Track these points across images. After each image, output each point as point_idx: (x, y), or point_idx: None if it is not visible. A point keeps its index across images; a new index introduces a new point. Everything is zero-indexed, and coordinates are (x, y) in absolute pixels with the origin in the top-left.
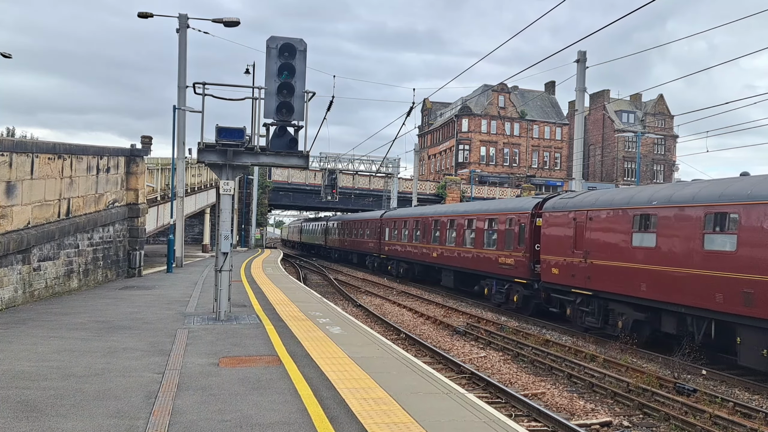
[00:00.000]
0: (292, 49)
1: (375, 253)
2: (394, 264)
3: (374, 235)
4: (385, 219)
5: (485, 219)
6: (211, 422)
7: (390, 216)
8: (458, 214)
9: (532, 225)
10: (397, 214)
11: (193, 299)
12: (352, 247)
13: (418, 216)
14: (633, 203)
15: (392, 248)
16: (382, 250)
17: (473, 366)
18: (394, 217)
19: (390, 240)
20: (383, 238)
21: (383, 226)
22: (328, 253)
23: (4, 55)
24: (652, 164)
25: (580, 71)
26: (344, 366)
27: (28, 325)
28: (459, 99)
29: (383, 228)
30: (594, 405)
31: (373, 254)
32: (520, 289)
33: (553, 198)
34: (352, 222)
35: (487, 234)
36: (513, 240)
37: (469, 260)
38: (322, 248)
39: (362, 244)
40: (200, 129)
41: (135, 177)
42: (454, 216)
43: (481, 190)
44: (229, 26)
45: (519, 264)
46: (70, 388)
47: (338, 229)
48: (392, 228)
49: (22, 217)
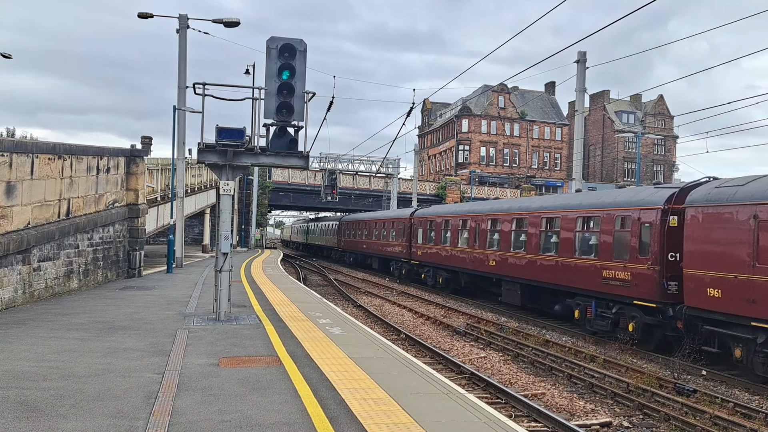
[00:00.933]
0: (292, 49)
1: (403, 258)
2: (429, 272)
3: (402, 237)
4: (417, 218)
5: (579, 217)
6: (211, 422)
7: (424, 215)
8: (531, 211)
9: (663, 225)
10: (434, 212)
11: (193, 299)
12: (372, 250)
13: (466, 214)
14: None
15: (427, 252)
16: (413, 254)
17: (473, 366)
18: (429, 215)
19: (424, 243)
20: (414, 241)
21: (414, 226)
22: (341, 256)
23: (5, 55)
24: (652, 165)
25: (580, 72)
26: (344, 366)
27: (28, 325)
28: (459, 99)
29: (414, 228)
30: (594, 405)
31: (400, 259)
32: (638, 315)
33: (704, 186)
34: (372, 222)
35: (581, 237)
36: (629, 246)
37: (550, 271)
38: (333, 251)
39: (386, 247)
40: (200, 129)
41: (135, 177)
42: (524, 214)
43: (481, 191)
44: (229, 26)
45: (641, 280)
46: (70, 389)
47: (355, 230)
48: (427, 229)
49: (22, 218)
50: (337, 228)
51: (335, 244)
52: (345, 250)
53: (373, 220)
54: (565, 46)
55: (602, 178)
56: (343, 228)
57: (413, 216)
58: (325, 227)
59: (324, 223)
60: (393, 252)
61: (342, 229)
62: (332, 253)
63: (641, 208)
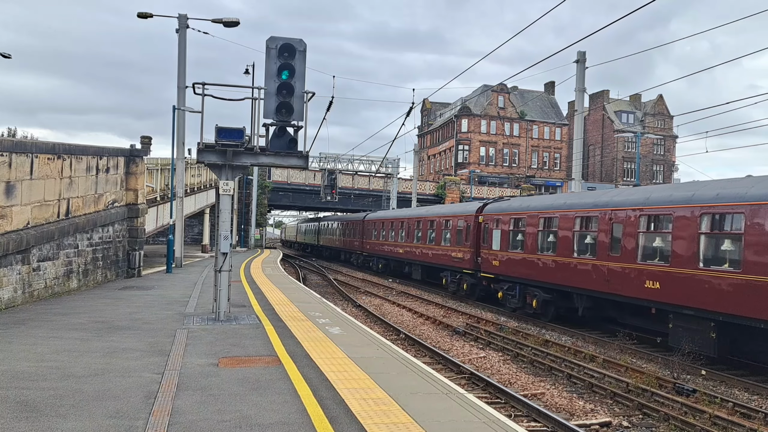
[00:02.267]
0: (292, 49)
1: (466, 269)
2: (512, 289)
3: (463, 240)
4: (491, 215)
5: None
6: (211, 422)
7: (503, 210)
8: None
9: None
10: (521, 206)
11: (193, 299)
12: (412, 255)
13: (590, 208)
14: None
15: (510, 262)
16: (484, 263)
17: (473, 366)
18: (513, 211)
19: (504, 249)
20: (485, 245)
21: (485, 226)
22: (365, 261)
23: (4, 55)
24: (651, 164)
25: (580, 71)
26: (344, 366)
27: (28, 325)
28: (458, 99)
29: (485, 229)
30: (593, 405)
31: (461, 270)
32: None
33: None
34: (412, 220)
35: None
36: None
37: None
38: (354, 254)
39: (434, 253)
40: (200, 129)
41: (134, 177)
42: None
43: (481, 191)
44: (228, 26)
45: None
46: (69, 389)
47: (385, 230)
48: (510, 230)
49: (22, 218)
50: (360, 227)
51: (357, 247)
52: (371, 253)
53: (414, 219)
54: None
55: (602, 178)
56: (368, 227)
57: (482, 212)
58: (342, 226)
59: (339, 221)
60: (447, 260)
61: (366, 228)
62: (352, 257)
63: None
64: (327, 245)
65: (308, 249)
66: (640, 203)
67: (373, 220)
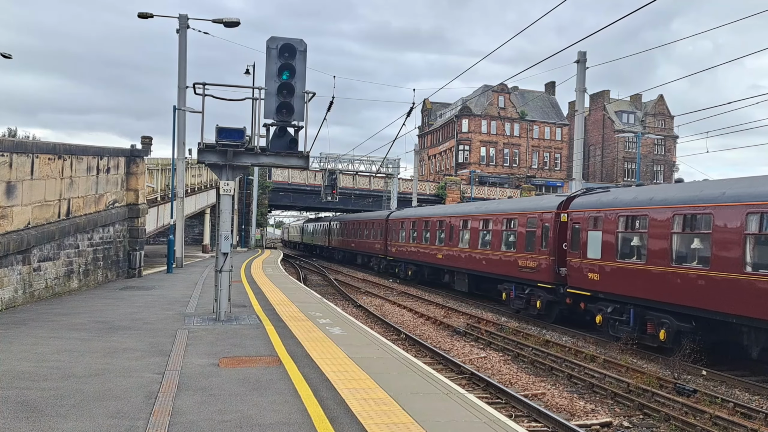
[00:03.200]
0: (292, 49)
1: (543, 282)
2: (624, 314)
3: (538, 245)
4: (584, 214)
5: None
6: (211, 422)
7: (606, 205)
8: None
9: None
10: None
11: (193, 300)
12: (486, 268)
13: None
14: None
15: (620, 272)
16: (576, 276)
17: (473, 366)
18: (627, 206)
19: (610, 258)
20: (580, 253)
21: (573, 226)
22: (448, 283)
23: (5, 55)
24: (652, 165)
25: (580, 72)
26: (344, 366)
27: (29, 325)
28: (459, 99)
29: (576, 231)
30: (594, 405)
31: (534, 283)
32: None
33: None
34: (497, 217)
35: None
36: None
37: None
38: (434, 271)
39: (496, 259)
40: (200, 129)
41: (135, 177)
42: None
43: (481, 191)
44: (229, 27)
45: None
46: (70, 389)
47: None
48: (629, 230)
49: (22, 218)
50: (383, 227)
51: (378, 250)
52: (397, 258)
53: (459, 217)
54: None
55: (602, 178)
56: (393, 227)
57: (568, 208)
58: (359, 226)
59: (356, 221)
60: (511, 269)
61: (391, 228)
62: (372, 260)
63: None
64: (340, 247)
65: (316, 251)
66: None
67: (400, 219)
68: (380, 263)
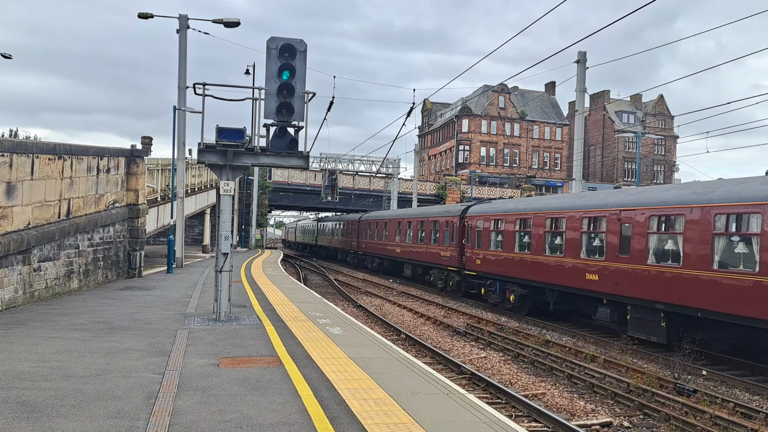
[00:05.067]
0: (293, 49)
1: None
2: None
3: None
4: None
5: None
6: (212, 423)
7: None
8: None
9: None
10: None
11: (194, 300)
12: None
13: None
14: None
15: None
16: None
17: (473, 366)
18: None
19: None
20: None
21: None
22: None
23: (5, 55)
24: (652, 165)
25: (580, 72)
26: (344, 366)
27: (29, 325)
28: (459, 99)
29: None
30: (594, 405)
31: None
32: None
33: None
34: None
35: None
36: None
37: None
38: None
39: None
40: (200, 129)
41: (135, 177)
42: None
43: (482, 191)
44: (229, 27)
45: None
46: (70, 389)
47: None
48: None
49: (23, 218)
50: (456, 226)
51: (445, 261)
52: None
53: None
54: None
55: (602, 178)
56: (474, 227)
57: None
58: (417, 226)
59: (401, 218)
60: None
61: (475, 229)
62: (431, 272)
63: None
64: (377, 253)
65: (338, 256)
66: None
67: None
68: (442, 275)
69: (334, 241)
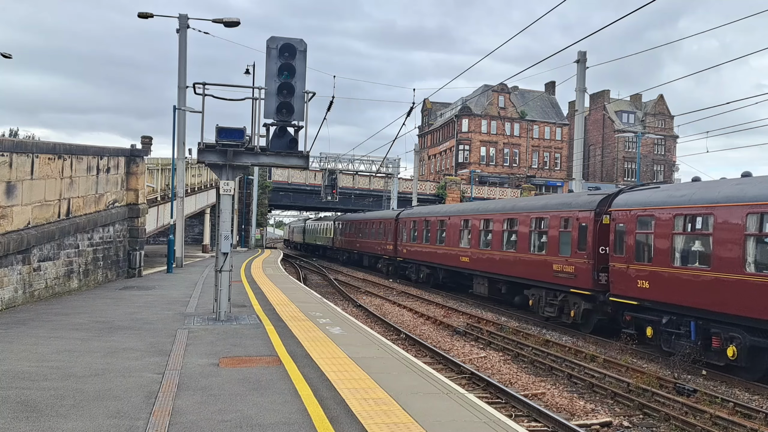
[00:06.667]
0: (292, 49)
1: None
2: None
3: None
4: None
5: None
6: (212, 422)
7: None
8: None
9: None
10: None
11: (193, 299)
12: None
13: None
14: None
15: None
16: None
17: (473, 366)
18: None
19: None
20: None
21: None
22: None
23: (5, 55)
24: (652, 164)
25: (580, 71)
26: (344, 366)
27: (29, 325)
28: (459, 99)
29: None
30: (594, 405)
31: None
32: None
33: None
34: None
35: None
36: None
37: None
38: None
39: None
40: (200, 129)
41: (135, 177)
42: None
43: (481, 191)
44: (229, 26)
45: None
46: (70, 389)
47: None
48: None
49: (23, 218)
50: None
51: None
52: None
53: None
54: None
55: (602, 178)
56: None
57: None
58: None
59: (466, 214)
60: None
61: None
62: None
63: None
64: (428, 261)
65: (365, 262)
66: None
67: None
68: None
69: (358, 244)
